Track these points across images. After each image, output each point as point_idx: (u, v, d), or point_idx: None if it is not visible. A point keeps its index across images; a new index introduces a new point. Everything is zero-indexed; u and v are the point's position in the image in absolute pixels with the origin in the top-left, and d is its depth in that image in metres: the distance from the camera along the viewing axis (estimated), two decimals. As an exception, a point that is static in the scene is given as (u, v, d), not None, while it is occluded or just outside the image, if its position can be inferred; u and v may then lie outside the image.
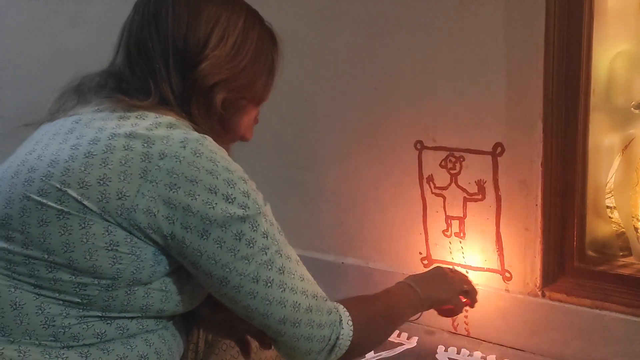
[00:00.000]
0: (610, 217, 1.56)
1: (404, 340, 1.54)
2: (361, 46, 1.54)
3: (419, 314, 1.12)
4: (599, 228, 1.53)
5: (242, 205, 0.80)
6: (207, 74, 0.87)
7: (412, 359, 1.47)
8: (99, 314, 0.79)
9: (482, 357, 1.45)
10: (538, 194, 1.36)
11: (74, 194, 0.77)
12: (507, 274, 1.44)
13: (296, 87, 1.67)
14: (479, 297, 1.45)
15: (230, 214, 0.79)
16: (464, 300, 1.21)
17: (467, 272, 1.49)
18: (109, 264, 0.78)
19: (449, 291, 1.15)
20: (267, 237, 0.83)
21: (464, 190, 1.46)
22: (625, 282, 1.37)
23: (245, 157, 1.99)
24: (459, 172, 1.46)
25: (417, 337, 1.53)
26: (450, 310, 1.19)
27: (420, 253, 1.57)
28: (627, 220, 1.50)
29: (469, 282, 1.24)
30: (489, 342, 1.49)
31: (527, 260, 1.41)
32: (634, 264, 1.45)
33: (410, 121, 1.51)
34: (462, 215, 1.48)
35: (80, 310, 0.79)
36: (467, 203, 1.46)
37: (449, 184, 1.48)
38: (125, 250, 0.78)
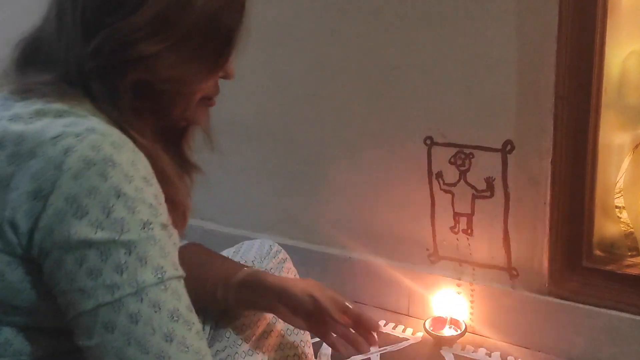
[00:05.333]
0: (619, 217, 1.55)
1: (408, 335, 1.54)
2: (370, 41, 1.54)
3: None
4: (608, 228, 1.52)
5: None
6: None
7: (417, 354, 1.47)
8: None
9: (486, 354, 1.44)
10: (547, 192, 1.36)
11: None
12: (514, 272, 1.44)
13: (304, 81, 1.66)
14: (485, 294, 1.45)
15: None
16: None
17: (473, 270, 1.49)
18: None
19: None
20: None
21: (472, 187, 1.46)
22: (633, 282, 1.37)
23: (253, 150, 1.99)
24: (468, 169, 1.45)
25: (422, 332, 1.53)
26: None
27: (427, 249, 1.57)
28: (636, 220, 1.49)
29: None
30: (494, 339, 1.49)
31: (534, 258, 1.41)
32: (642, 264, 1.44)
33: (420, 117, 1.50)
34: (470, 212, 1.47)
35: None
36: (476, 200, 1.46)
37: (458, 181, 1.47)
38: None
